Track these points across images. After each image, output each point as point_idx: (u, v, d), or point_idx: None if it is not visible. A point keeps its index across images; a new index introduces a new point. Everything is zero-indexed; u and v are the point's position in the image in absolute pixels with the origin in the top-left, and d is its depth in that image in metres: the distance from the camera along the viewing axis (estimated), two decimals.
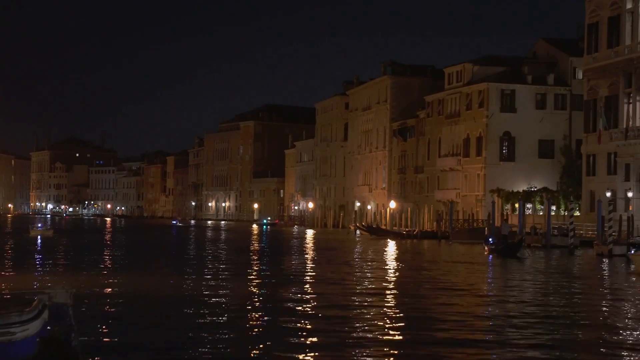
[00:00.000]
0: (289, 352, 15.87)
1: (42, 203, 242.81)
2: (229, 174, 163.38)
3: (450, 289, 28.22)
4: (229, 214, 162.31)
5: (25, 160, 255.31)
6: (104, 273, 32.72)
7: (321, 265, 39.47)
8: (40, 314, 12.80)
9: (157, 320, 19.92)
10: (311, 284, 29.74)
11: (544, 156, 78.06)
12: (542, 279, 33.79)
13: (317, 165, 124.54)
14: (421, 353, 16.05)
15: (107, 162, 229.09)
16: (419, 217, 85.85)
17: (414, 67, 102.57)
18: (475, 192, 79.44)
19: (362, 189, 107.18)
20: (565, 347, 16.76)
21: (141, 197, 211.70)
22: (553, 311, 22.73)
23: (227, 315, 20.81)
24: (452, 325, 19.37)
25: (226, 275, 32.61)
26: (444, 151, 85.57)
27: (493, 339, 17.66)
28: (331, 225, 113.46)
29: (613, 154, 62.64)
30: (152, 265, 37.71)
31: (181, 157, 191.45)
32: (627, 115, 61.49)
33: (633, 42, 60.94)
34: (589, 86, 66.38)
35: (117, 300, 23.63)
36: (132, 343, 16.63)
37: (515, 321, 20.20)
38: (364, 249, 56.54)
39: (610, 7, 63.24)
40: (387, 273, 35.88)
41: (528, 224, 64.02)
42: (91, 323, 18.51)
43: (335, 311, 21.70)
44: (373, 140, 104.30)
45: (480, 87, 79.24)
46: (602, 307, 24.27)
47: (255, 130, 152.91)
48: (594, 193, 64.63)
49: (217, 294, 25.67)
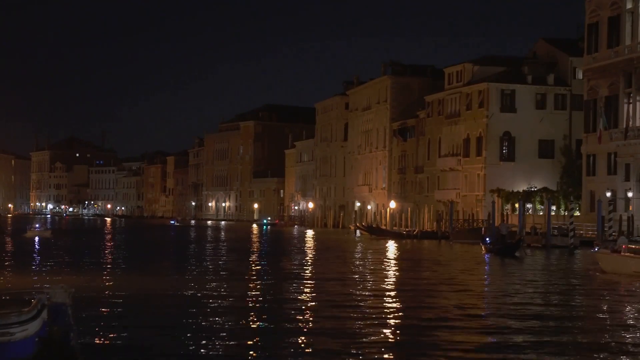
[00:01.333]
0: (289, 353, 15.87)
1: (42, 203, 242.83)
2: (229, 174, 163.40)
3: (448, 285, 28.24)
4: (229, 214, 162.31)
5: (25, 160, 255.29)
6: (104, 274, 32.72)
7: (321, 266, 39.45)
8: (39, 314, 12.79)
9: (156, 320, 19.91)
10: (311, 284, 29.72)
11: (544, 156, 78.03)
12: (530, 277, 34.11)
13: (317, 165, 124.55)
14: (421, 353, 16.05)
15: (107, 162, 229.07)
16: (419, 217, 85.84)
17: (414, 67, 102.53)
18: (475, 192, 79.42)
19: (362, 189, 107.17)
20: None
21: (141, 197, 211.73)
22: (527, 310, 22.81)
23: (227, 315, 20.80)
24: (449, 324, 19.39)
25: (226, 276, 32.59)
26: (444, 151, 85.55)
27: (487, 340, 17.69)
28: (331, 225, 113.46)
29: (613, 154, 62.64)
30: (151, 266, 37.70)
31: (181, 157, 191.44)
32: (627, 115, 61.48)
33: (633, 42, 60.94)
34: (589, 86, 66.38)
35: (117, 300, 23.62)
36: (131, 343, 16.62)
37: (500, 320, 20.24)
38: (363, 249, 56.54)
39: (610, 7, 63.23)
40: (387, 273, 35.87)
41: (528, 224, 64.02)
42: (90, 323, 18.51)
43: (335, 311, 21.69)
44: (373, 140, 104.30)
45: (480, 87, 79.24)
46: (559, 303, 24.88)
47: (255, 130, 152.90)
48: (594, 193, 64.63)
49: (217, 294, 25.66)
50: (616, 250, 36.36)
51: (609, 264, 36.25)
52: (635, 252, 35.27)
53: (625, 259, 35.20)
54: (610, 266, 36.07)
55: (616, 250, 36.36)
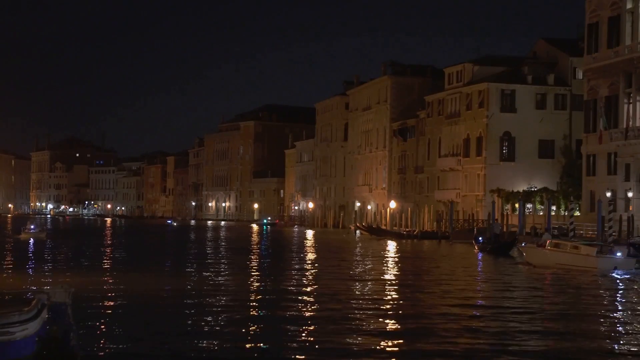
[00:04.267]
0: (289, 353, 15.86)
1: (42, 203, 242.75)
2: (229, 174, 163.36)
3: (443, 284, 28.30)
4: (229, 214, 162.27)
5: (25, 160, 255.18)
6: (103, 275, 32.72)
7: (320, 266, 39.47)
8: (40, 314, 12.79)
9: (156, 320, 19.91)
10: (311, 282, 29.73)
11: (544, 156, 78.00)
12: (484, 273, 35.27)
13: (317, 165, 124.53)
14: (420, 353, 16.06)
15: (107, 162, 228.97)
16: (419, 217, 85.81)
17: (414, 67, 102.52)
18: (476, 192, 79.41)
19: (362, 189, 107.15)
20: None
21: (141, 197, 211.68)
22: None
23: (227, 315, 20.80)
24: (440, 319, 19.43)
25: (226, 275, 32.59)
26: (444, 151, 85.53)
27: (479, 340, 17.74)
28: (331, 225, 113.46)
29: (613, 154, 62.59)
30: (150, 267, 37.70)
31: (181, 157, 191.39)
32: (627, 115, 61.43)
33: (633, 42, 60.89)
34: (589, 86, 66.33)
35: (116, 300, 23.62)
36: (131, 343, 16.62)
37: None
38: (364, 249, 56.54)
39: (611, 7, 63.17)
40: (387, 273, 35.89)
41: (528, 224, 63.99)
42: (90, 322, 18.50)
43: (335, 311, 21.70)
44: (373, 140, 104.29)
45: (480, 87, 79.23)
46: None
47: (255, 130, 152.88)
48: (594, 193, 64.59)
49: (217, 294, 25.66)
50: (541, 245, 40.70)
51: (535, 258, 40.52)
52: (557, 247, 39.91)
53: (549, 253, 39.64)
54: (536, 260, 40.27)
55: (541, 245, 40.70)
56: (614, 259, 38.20)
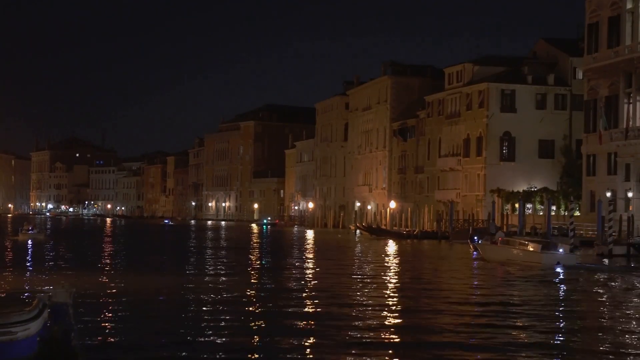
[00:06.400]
0: (288, 353, 15.88)
1: (42, 203, 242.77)
2: (229, 174, 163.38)
3: (439, 283, 28.35)
4: (229, 214, 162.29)
5: (25, 160, 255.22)
6: (102, 275, 32.72)
7: (321, 266, 39.49)
8: (41, 314, 12.81)
9: (156, 320, 19.93)
10: (311, 281, 29.74)
11: (544, 156, 78.00)
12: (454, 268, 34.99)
13: (317, 165, 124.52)
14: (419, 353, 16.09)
15: (107, 162, 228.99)
16: (419, 217, 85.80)
17: (414, 67, 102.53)
18: (476, 192, 79.41)
19: (362, 189, 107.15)
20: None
21: (141, 197, 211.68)
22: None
23: (227, 314, 20.81)
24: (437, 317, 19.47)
25: (225, 276, 32.60)
26: (444, 151, 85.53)
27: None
28: (331, 225, 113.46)
29: (613, 154, 62.61)
30: (150, 267, 37.70)
31: (181, 157, 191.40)
32: (627, 115, 61.45)
33: (633, 42, 60.90)
34: (589, 86, 66.35)
35: (117, 300, 23.63)
36: (131, 343, 16.64)
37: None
38: (364, 249, 56.55)
39: (611, 7, 63.19)
40: (386, 273, 35.92)
41: (528, 224, 64.01)
42: (91, 322, 18.52)
43: (334, 311, 21.71)
44: (373, 140, 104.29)
45: (481, 87, 79.23)
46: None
47: (255, 130, 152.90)
48: (594, 193, 64.61)
49: (217, 294, 25.67)
50: (494, 242, 44.19)
51: (489, 253, 43.87)
52: (507, 244, 43.34)
53: (500, 249, 43.04)
54: (490, 255, 43.74)
55: (494, 242, 44.19)
56: (557, 254, 40.80)
